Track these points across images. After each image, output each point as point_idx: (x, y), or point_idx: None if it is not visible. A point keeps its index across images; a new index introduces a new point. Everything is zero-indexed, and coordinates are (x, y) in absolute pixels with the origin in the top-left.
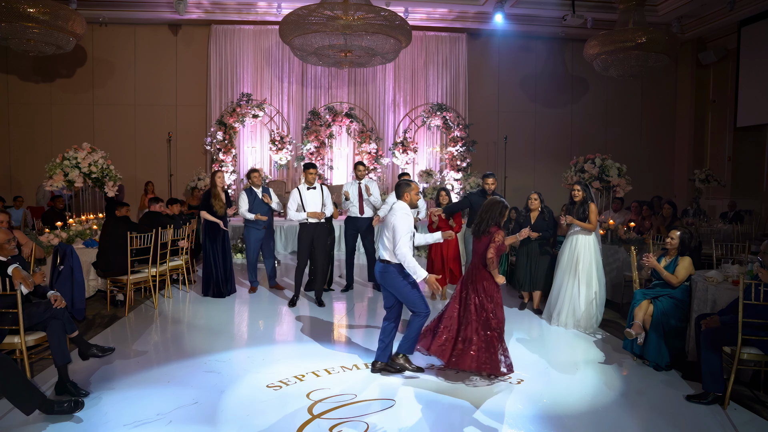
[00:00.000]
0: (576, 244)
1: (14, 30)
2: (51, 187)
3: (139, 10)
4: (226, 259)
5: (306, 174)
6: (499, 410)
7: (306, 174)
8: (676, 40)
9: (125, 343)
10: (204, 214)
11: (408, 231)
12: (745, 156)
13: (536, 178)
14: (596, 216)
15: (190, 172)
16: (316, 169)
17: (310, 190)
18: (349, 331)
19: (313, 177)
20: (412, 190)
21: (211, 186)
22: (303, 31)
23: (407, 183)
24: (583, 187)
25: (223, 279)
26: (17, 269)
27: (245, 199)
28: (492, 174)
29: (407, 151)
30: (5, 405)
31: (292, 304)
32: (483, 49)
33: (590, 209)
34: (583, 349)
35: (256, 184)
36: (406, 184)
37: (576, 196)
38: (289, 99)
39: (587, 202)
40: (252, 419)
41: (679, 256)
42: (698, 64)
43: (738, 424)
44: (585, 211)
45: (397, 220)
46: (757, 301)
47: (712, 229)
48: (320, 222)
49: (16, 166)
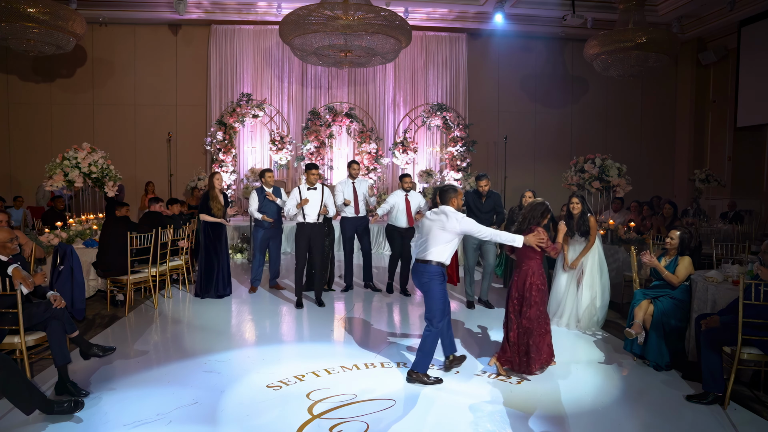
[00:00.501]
0: (578, 247)
1: (14, 30)
2: (51, 187)
3: (139, 10)
4: (226, 259)
5: (308, 174)
6: (499, 410)
7: (308, 174)
8: (676, 40)
9: (125, 343)
10: (203, 216)
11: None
12: (745, 156)
13: (536, 178)
14: (596, 230)
15: (190, 172)
16: (318, 169)
17: (311, 191)
18: (349, 331)
19: (315, 177)
20: (458, 195)
21: (209, 188)
22: (303, 31)
23: (453, 189)
24: (582, 200)
25: (222, 280)
26: (17, 269)
27: (255, 198)
28: (485, 175)
29: (407, 151)
30: (5, 405)
31: (299, 305)
32: (483, 49)
33: (590, 224)
34: (583, 350)
35: (269, 184)
36: (453, 189)
37: (574, 209)
38: (289, 99)
39: (586, 215)
40: (252, 419)
41: (678, 256)
42: (698, 64)
43: (738, 424)
44: (585, 224)
45: (462, 219)
46: (757, 301)
47: (712, 229)
48: (317, 222)
49: (16, 166)
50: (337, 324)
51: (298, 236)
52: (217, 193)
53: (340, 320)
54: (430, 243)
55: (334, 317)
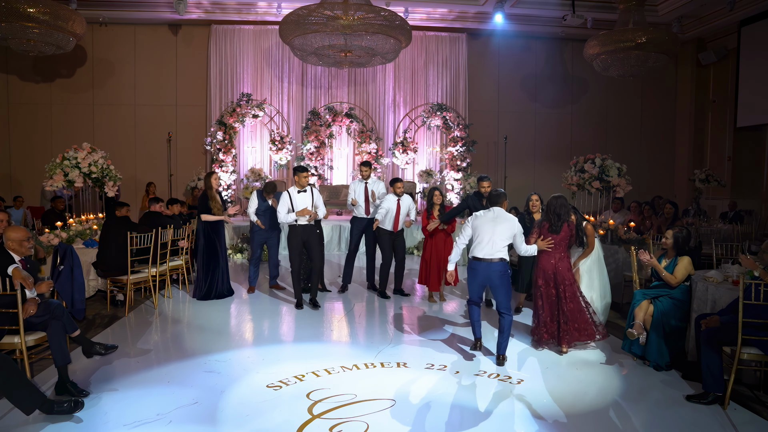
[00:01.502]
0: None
1: (14, 30)
2: (51, 187)
3: (139, 10)
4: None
5: (299, 177)
6: (499, 410)
7: (299, 177)
8: (676, 40)
9: (125, 343)
10: (205, 216)
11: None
12: (745, 156)
13: (536, 178)
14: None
15: (190, 172)
16: (308, 172)
17: (301, 193)
18: (349, 331)
19: (305, 180)
20: (507, 198)
21: (207, 188)
22: (303, 31)
23: (504, 194)
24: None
25: (222, 283)
26: (17, 269)
27: (255, 200)
28: (487, 177)
29: (407, 151)
30: (5, 405)
31: (299, 306)
32: (483, 49)
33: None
34: (583, 350)
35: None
36: (504, 195)
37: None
38: (289, 99)
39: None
40: (252, 419)
41: (678, 256)
42: (698, 64)
43: (738, 424)
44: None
45: (516, 224)
46: (757, 301)
47: (712, 229)
48: (309, 224)
49: (16, 166)
50: (337, 324)
51: (290, 238)
52: (215, 194)
53: (339, 320)
54: (497, 242)
55: (333, 317)
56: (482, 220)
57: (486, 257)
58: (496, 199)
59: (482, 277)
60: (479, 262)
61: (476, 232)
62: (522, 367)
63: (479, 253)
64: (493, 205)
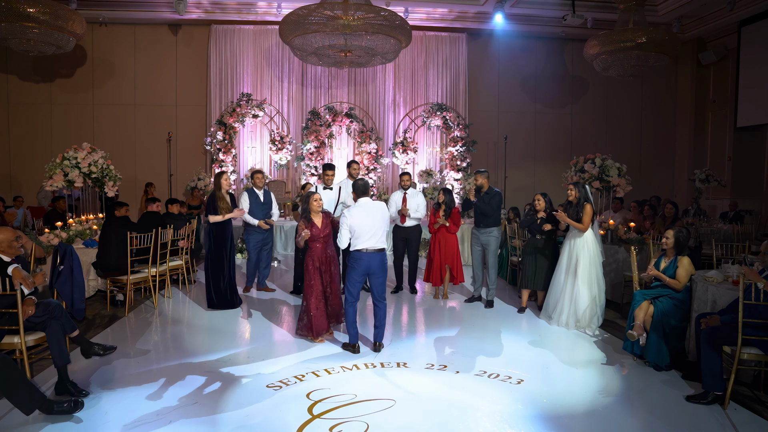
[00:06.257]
0: (575, 245)
1: (14, 30)
2: (51, 187)
3: (139, 10)
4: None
5: (324, 175)
6: (499, 410)
7: (324, 175)
8: (676, 40)
9: (125, 342)
10: (212, 217)
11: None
12: (745, 156)
13: (536, 178)
14: (590, 217)
15: (190, 172)
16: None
17: (326, 190)
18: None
19: (330, 179)
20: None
21: (216, 188)
22: (303, 31)
23: (367, 183)
24: (578, 187)
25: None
26: (17, 269)
27: (247, 200)
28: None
29: (407, 151)
30: (5, 405)
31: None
32: (483, 49)
33: (585, 210)
34: (583, 350)
35: (258, 186)
36: (367, 183)
37: (570, 196)
38: (289, 99)
39: (582, 203)
40: (252, 419)
41: (678, 256)
42: (698, 64)
43: (738, 424)
44: (580, 212)
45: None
46: (757, 301)
47: (712, 229)
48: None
49: (16, 166)
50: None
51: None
52: (224, 194)
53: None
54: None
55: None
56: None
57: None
58: (365, 189)
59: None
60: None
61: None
62: (522, 367)
63: (362, 245)
64: (361, 197)
